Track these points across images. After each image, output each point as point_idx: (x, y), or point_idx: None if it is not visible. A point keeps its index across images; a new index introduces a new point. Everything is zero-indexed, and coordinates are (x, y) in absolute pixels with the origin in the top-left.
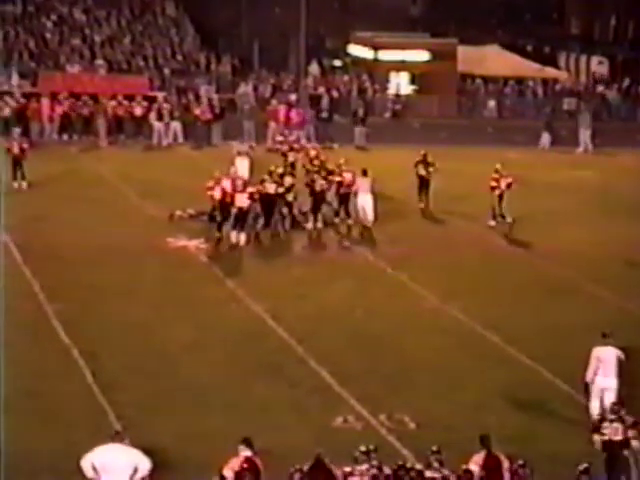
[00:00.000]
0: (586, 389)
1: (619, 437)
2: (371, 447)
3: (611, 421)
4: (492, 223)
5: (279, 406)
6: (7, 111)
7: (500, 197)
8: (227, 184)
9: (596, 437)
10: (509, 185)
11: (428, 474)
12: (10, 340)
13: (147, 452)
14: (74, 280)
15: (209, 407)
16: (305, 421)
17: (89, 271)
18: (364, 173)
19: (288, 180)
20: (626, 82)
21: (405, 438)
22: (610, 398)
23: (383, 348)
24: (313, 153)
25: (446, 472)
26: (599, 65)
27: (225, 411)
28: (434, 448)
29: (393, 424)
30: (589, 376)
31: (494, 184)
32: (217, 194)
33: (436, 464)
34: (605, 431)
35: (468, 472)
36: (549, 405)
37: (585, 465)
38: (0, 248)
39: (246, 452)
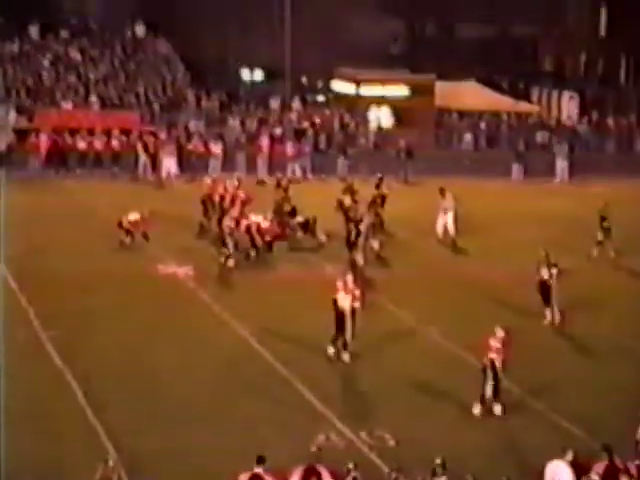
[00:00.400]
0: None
1: None
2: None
3: None
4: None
5: (264, 424)
6: (3, 145)
7: None
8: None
9: None
10: None
11: None
12: (7, 364)
13: (137, 469)
14: (68, 307)
15: (196, 425)
16: (289, 438)
17: (82, 298)
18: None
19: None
20: (595, 116)
21: (385, 454)
22: None
23: (363, 368)
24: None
25: None
26: (570, 100)
27: (212, 429)
28: (438, 461)
29: (374, 441)
30: None
31: None
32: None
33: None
34: None
35: None
36: (522, 420)
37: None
38: None
39: (258, 469)
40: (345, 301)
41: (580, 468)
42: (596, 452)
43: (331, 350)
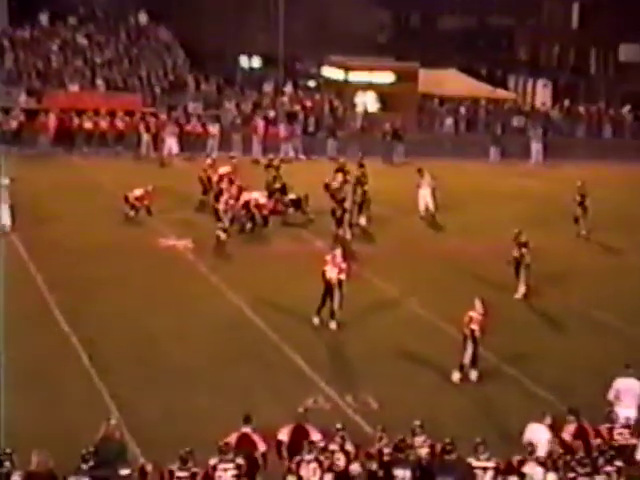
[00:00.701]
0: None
1: None
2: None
3: None
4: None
5: (257, 388)
6: (14, 124)
7: None
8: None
9: None
10: None
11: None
12: (16, 327)
13: (138, 427)
14: (74, 275)
15: (194, 388)
16: (280, 401)
17: (87, 267)
18: None
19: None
20: (567, 103)
21: (369, 417)
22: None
23: (349, 336)
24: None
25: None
26: (544, 88)
27: (209, 392)
28: (417, 422)
29: (358, 404)
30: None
31: None
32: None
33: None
34: None
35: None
36: (498, 387)
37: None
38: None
39: (245, 428)
40: (332, 273)
41: (558, 431)
42: (565, 416)
43: (316, 320)
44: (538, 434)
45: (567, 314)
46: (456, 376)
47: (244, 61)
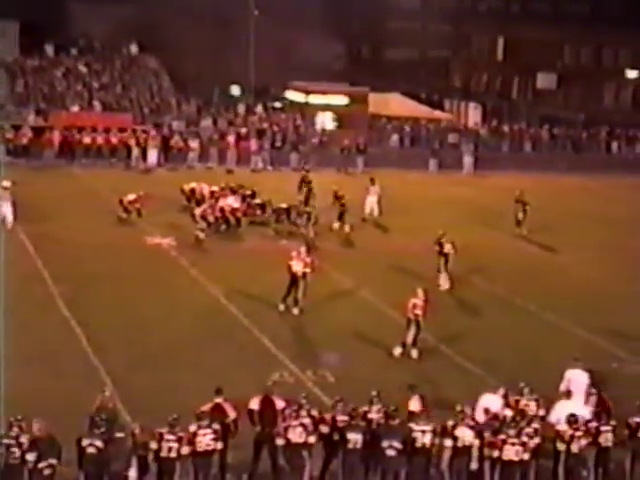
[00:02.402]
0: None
1: None
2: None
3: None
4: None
5: (231, 365)
6: (24, 139)
7: None
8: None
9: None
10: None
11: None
12: (24, 314)
13: (129, 399)
14: (75, 268)
15: (177, 365)
16: (250, 376)
17: (85, 261)
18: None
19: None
20: (494, 122)
21: (326, 389)
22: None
23: (310, 320)
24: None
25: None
26: (475, 109)
27: (189, 368)
28: (374, 392)
29: (317, 378)
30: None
31: None
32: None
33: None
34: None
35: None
36: (435, 363)
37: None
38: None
39: (217, 399)
40: (298, 267)
41: (509, 400)
42: (493, 388)
43: (281, 307)
44: (493, 402)
45: (492, 301)
46: (397, 351)
47: (219, 85)
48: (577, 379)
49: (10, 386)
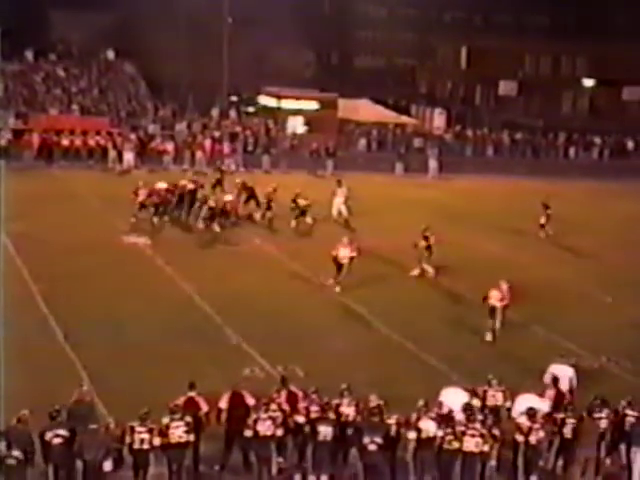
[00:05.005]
0: None
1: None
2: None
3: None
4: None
5: (203, 360)
6: (3, 142)
7: None
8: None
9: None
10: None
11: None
12: (3, 311)
13: (106, 393)
14: (54, 267)
15: (151, 360)
16: (222, 371)
17: (65, 260)
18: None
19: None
20: (458, 128)
21: (296, 383)
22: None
23: (281, 318)
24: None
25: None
26: (439, 115)
27: (163, 363)
28: (344, 386)
29: (287, 373)
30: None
31: None
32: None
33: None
34: None
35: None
36: (399, 360)
37: None
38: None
39: (190, 393)
40: (345, 252)
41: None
42: (455, 382)
43: (337, 289)
44: (455, 399)
45: (457, 298)
46: (489, 336)
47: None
48: (562, 374)
49: None
